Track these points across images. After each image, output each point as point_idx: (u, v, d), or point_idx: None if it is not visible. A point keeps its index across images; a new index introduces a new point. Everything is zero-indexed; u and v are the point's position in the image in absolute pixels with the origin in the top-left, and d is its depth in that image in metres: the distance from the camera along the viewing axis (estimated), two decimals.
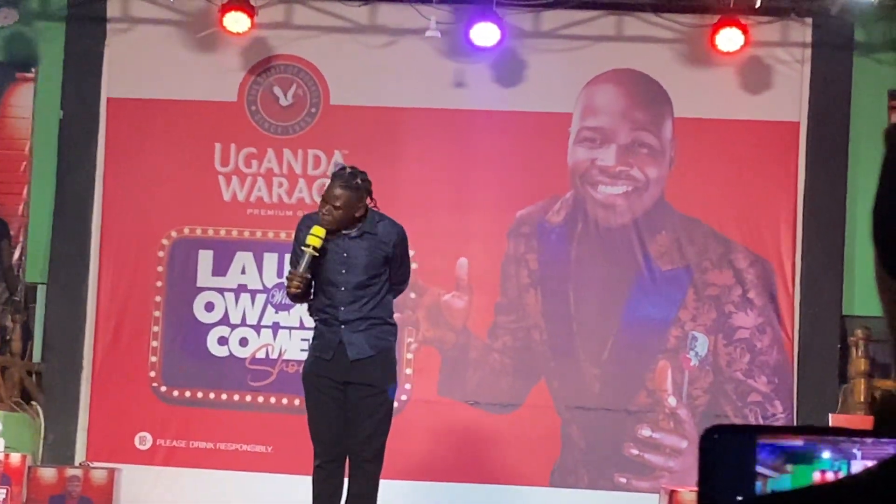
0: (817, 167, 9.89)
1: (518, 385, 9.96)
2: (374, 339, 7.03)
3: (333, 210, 6.88)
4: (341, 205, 6.88)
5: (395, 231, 7.08)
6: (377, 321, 7.05)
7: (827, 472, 1.17)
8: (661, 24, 10.05)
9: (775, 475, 1.17)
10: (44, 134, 10.28)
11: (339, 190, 6.90)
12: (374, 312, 7.05)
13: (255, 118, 10.23)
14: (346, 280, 6.97)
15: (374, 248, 7.00)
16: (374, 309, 7.05)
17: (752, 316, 9.84)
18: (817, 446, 1.18)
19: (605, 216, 10.00)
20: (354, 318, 6.99)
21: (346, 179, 6.92)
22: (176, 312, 10.11)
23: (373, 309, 7.04)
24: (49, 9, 10.35)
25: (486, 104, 10.11)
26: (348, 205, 6.89)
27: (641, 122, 10.06)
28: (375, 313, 7.05)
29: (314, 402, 7.04)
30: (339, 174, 7.00)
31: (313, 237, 6.82)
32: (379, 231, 7.02)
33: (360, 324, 7.00)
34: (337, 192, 6.90)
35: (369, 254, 6.98)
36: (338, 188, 6.91)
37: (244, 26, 9.88)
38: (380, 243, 7.01)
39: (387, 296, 7.14)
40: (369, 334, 7.01)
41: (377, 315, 7.06)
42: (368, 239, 7.00)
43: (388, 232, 7.05)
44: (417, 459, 9.69)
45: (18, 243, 10.31)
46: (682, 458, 9.75)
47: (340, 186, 6.91)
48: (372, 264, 6.99)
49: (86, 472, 9.50)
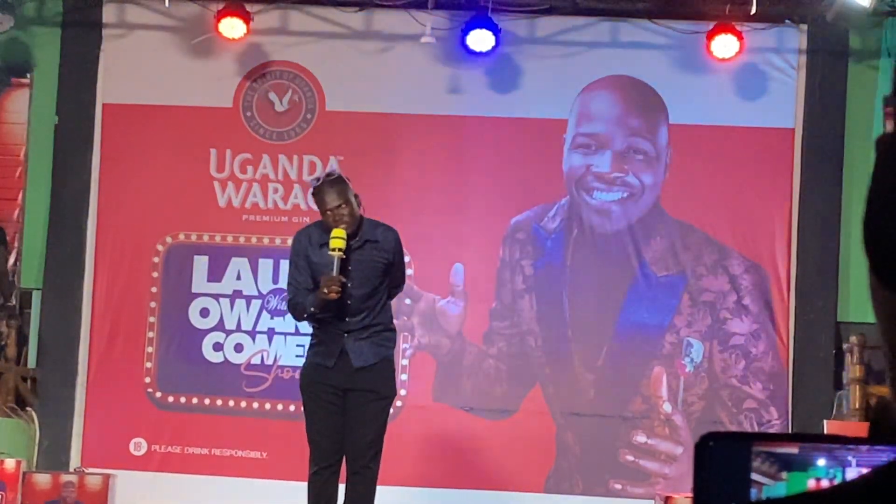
0: (812, 173, 9.90)
1: (513, 391, 9.96)
2: (377, 346, 7.03)
3: (342, 210, 6.84)
4: (345, 201, 6.86)
5: (393, 236, 7.08)
6: (379, 328, 7.06)
7: (822, 479, 1.18)
8: (656, 31, 10.06)
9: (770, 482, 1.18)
10: (39, 139, 10.27)
11: (335, 191, 6.88)
12: (378, 320, 7.05)
13: (251, 124, 10.23)
14: (354, 293, 6.93)
15: (378, 256, 6.99)
16: (378, 316, 7.05)
17: (747, 322, 9.85)
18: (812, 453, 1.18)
19: (601, 222, 10.01)
20: (359, 326, 6.99)
21: (331, 182, 6.91)
22: (171, 318, 10.10)
23: (376, 317, 7.04)
24: (44, 14, 10.35)
25: (482, 110, 10.11)
26: (350, 200, 6.89)
27: (636, 128, 10.07)
28: (378, 320, 7.05)
29: (313, 408, 7.03)
30: (321, 184, 6.95)
31: (336, 240, 6.76)
32: (379, 238, 7.01)
33: (364, 332, 7.00)
34: (334, 194, 6.88)
35: (373, 264, 6.97)
36: (332, 191, 6.89)
37: (240, 32, 9.88)
38: (381, 251, 7.00)
39: (387, 302, 7.15)
40: (372, 342, 7.01)
41: (380, 322, 7.06)
42: (371, 248, 6.97)
43: (387, 238, 7.05)
44: (412, 465, 9.69)
45: (14, 248, 10.30)
46: (677, 465, 9.75)
47: (332, 188, 6.89)
48: (376, 274, 6.98)
49: (81, 477, 9.49)
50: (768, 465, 1.18)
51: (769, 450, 1.18)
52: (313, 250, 6.98)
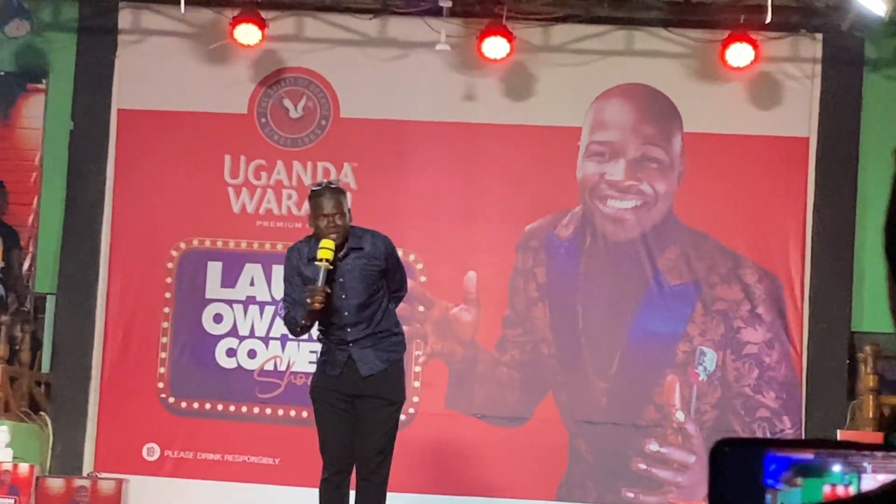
0: (827, 182, 9.88)
1: (526, 399, 9.95)
2: (384, 352, 7.02)
3: (336, 219, 6.86)
4: (339, 211, 6.88)
5: (383, 243, 7.05)
6: (384, 334, 7.04)
7: (837, 485, 1.18)
8: (671, 39, 10.06)
9: (785, 488, 1.18)
10: (54, 145, 10.30)
11: (331, 199, 6.89)
12: (380, 326, 7.04)
13: (265, 130, 10.25)
14: (348, 304, 6.94)
15: (367, 265, 6.97)
16: (380, 323, 7.04)
17: (760, 331, 9.83)
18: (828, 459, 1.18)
19: (614, 230, 10.00)
20: (362, 335, 6.99)
21: (332, 190, 6.93)
22: (184, 324, 10.12)
23: (378, 323, 7.03)
24: (60, 20, 10.38)
25: (496, 118, 10.12)
26: (344, 212, 6.90)
27: (651, 136, 10.07)
28: (381, 327, 7.04)
29: (323, 415, 7.05)
30: (322, 188, 6.96)
31: (325, 250, 6.78)
32: (366, 246, 6.99)
33: (368, 340, 6.99)
34: (333, 202, 6.88)
35: (363, 272, 6.95)
36: (329, 198, 6.88)
37: (255, 39, 9.90)
38: (371, 259, 6.98)
39: (388, 306, 7.14)
40: (378, 349, 7.00)
41: (383, 328, 7.05)
42: (357, 257, 6.95)
43: (376, 246, 7.02)
44: (425, 472, 9.68)
45: (28, 253, 10.32)
46: (690, 473, 9.74)
47: (333, 196, 6.90)
48: (369, 282, 6.97)
49: (94, 482, 9.50)
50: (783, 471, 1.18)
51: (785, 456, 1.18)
52: (303, 265, 6.99)
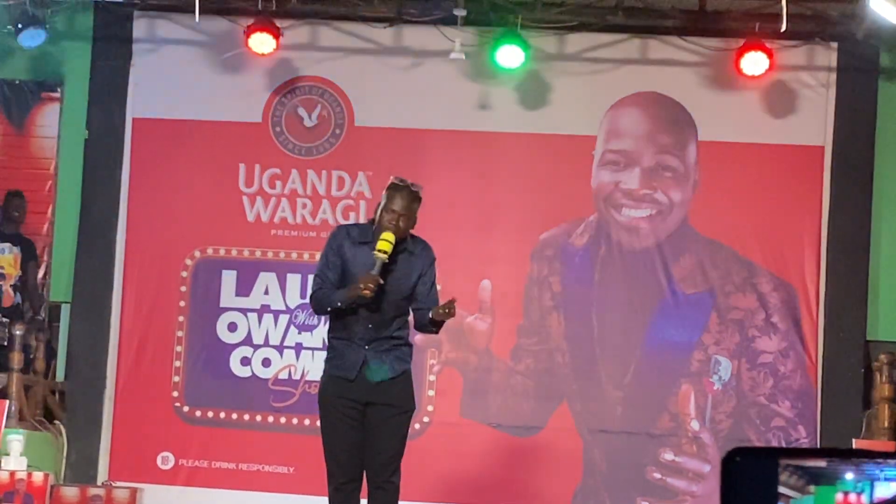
0: (842, 191, 9.86)
1: (540, 407, 9.94)
2: (396, 360, 6.97)
3: (401, 220, 6.81)
4: (407, 214, 6.83)
5: (430, 253, 7.02)
6: (399, 342, 7.00)
7: (850, 493, 1.17)
8: (686, 48, 10.05)
9: (798, 496, 1.17)
10: (69, 154, 10.32)
11: (406, 199, 6.82)
12: (399, 333, 7.00)
13: (280, 139, 10.26)
14: (386, 302, 6.88)
15: (413, 270, 6.93)
16: (400, 329, 7.00)
17: (775, 340, 9.81)
18: (840, 467, 1.17)
19: (629, 239, 9.99)
20: (381, 337, 6.92)
21: (412, 191, 6.84)
22: (199, 332, 10.13)
23: (398, 329, 6.99)
24: (75, 29, 10.40)
25: (511, 126, 10.11)
26: (411, 215, 6.86)
27: (665, 145, 10.06)
28: (400, 334, 7.00)
29: (333, 423, 6.92)
30: (404, 186, 6.88)
31: (385, 242, 6.70)
32: (418, 252, 6.97)
33: (385, 343, 6.91)
34: (404, 201, 6.81)
35: (407, 276, 6.92)
36: (405, 198, 6.82)
37: (269, 47, 9.91)
38: (416, 264, 6.94)
39: (407, 317, 7.10)
40: (392, 356, 6.95)
41: (400, 336, 7.01)
42: (407, 260, 6.91)
43: (427, 253, 7.00)
44: (439, 481, 9.67)
45: (43, 262, 10.35)
46: (704, 483, 9.71)
47: (408, 195, 6.84)
48: (409, 285, 6.94)
49: (108, 491, 9.51)
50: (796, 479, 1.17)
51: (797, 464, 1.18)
52: (350, 247, 6.90)
